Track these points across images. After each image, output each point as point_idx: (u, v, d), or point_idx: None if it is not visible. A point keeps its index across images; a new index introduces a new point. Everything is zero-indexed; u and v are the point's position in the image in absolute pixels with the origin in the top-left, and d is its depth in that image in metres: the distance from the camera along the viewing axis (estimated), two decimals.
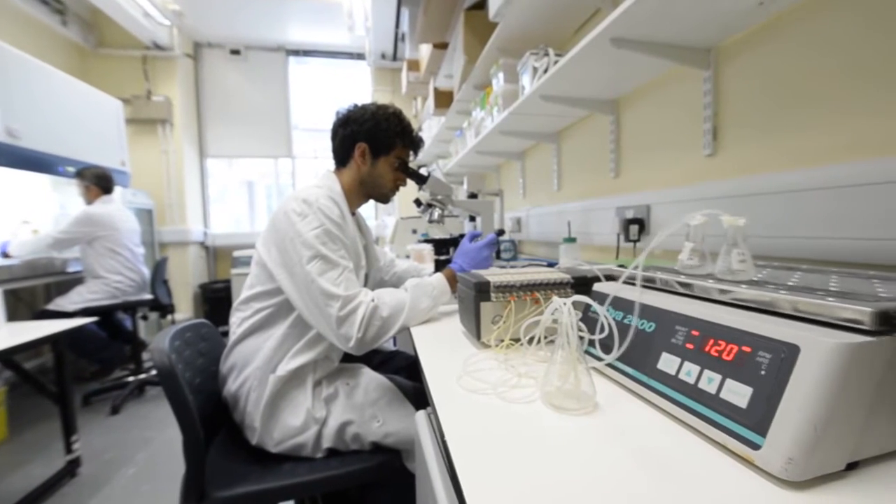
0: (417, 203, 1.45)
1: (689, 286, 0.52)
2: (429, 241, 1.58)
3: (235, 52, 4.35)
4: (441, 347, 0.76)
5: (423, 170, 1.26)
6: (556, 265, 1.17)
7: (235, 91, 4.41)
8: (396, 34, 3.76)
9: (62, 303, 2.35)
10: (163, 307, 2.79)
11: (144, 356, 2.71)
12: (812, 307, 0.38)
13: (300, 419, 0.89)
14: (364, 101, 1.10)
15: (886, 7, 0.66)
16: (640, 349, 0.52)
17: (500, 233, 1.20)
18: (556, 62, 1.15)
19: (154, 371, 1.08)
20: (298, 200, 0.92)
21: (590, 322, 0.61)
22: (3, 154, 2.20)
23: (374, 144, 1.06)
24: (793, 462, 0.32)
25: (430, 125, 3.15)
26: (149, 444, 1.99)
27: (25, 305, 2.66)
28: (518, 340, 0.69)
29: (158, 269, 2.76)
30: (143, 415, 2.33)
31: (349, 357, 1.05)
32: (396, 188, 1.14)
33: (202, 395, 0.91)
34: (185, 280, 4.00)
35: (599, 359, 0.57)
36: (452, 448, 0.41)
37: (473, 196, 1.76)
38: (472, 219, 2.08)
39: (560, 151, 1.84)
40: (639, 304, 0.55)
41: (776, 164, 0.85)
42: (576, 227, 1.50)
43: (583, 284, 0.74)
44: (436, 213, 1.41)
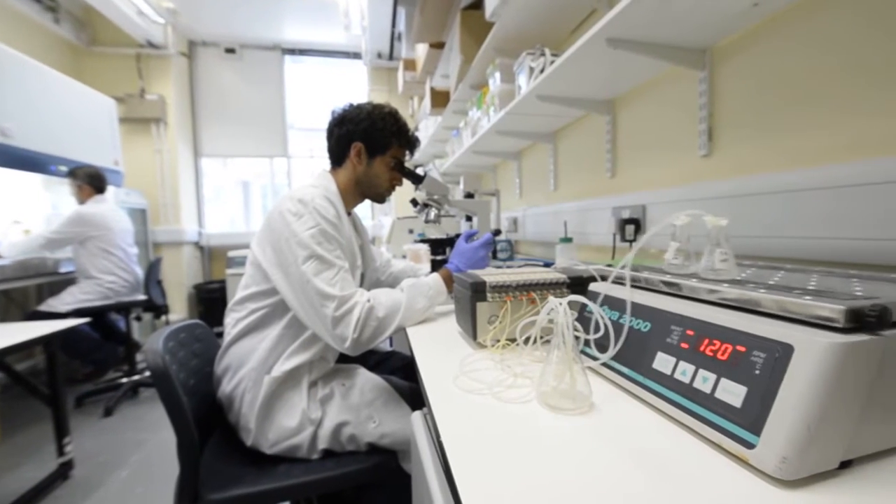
0: (414, 203, 1.45)
1: (673, 285, 0.53)
2: (425, 241, 1.58)
3: (231, 51, 4.31)
4: (437, 348, 0.76)
5: (420, 169, 1.25)
6: (553, 265, 1.18)
7: (231, 90, 4.38)
8: (393, 33, 3.75)
9: (54, 303, 2.32)
10: (157, 308, 2.77)
11: (138, 357, 2.69)
12: (788, 305, 0.38)
13: (295, 420, 0.89)
14: (360, 101, 1.09)
15: (880, 6, 0.66)
16: (636, 349, 0.52)
17: (497, 233, 1.20)
18: (553, 62, 1.16)
19: (148, 372, 1.07)
20: (294, 200, 0.91)
21: (585, 322, 0.61)
22: None
23: (370, 144, 1.05)
24: (787, 461, 0.33)
25: (427, 125, 3.15)
26: (142, 446, 1.97)
27: (17, 306, 2.63)
28: (514, 340, 0.69)
29: (152, 270, 2.74)
30: (137, 416, 2.31)
31: (345, 358, 1.05)
32: (392, 188, 1.13)
33: (196, 397, 0.90)
34: (180, 280, 3.97)
35: (595, 358, 0.57)
36: (448, 448, 0.41)
37: (470, 196, 1.76)
38: (469, 219, 2.08)
39: (556, 151, 1.85)
40: (630, 303, 0.55)
41: (772, 165, 0.86)
42: (572, 227, 1.50)
43: (579, 284, 0.74)
44: (432, 213, 1.41)
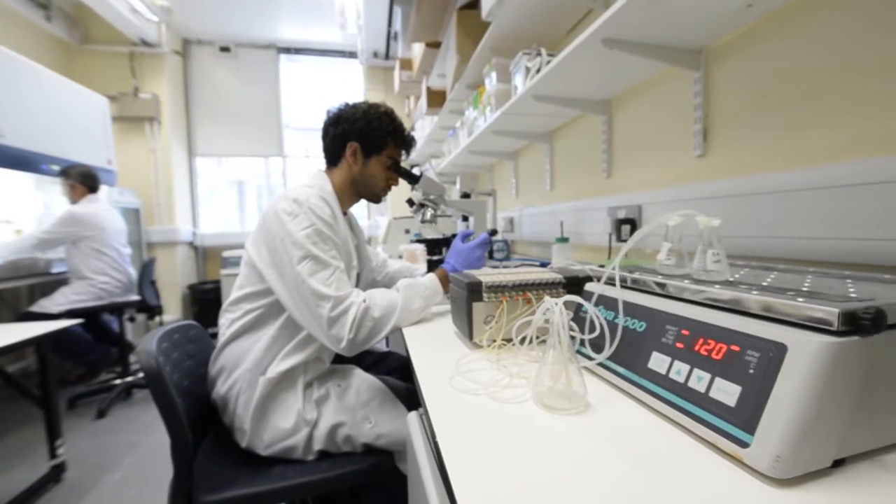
0: (410, 203, 1.45)
1: (665, 286, 0.53)
2: (421, 241, 1.58)
3: (225, 50, 4.28)
4: (433, 348, 0.75)
5: (416, 169, 1.25)
6: (549, 265, 1.18)
7: (225, 89, 4.35)
8: (389, 33, 3.75)
9: (46, 304, 2.29)
10: (150, 308, 2.75)
11: (131, 358, 2.67)
12: (782, 307, 0.38)
13: (291, 421, 0.88)
14: (356, 100, 1.09)
15: (874, 5, 0.67)
16: (631, 349, 0.52)
17: (493, 233, 1.20)
18: (549, 62, 1.16)
19: (141, 374, 1.06)
20: (289, 200, 0.91)
21: (581, 322, 0.61)
22: None
23: (366, 144, 1.05)
24: (780, 459, 0.33)
25: (423, 124, 3.14)
26: (136, 448, 1.95)
27: (8, 307, 2.60)
28: (510, 340, 0.69)
29: (146, 270, 2.71)
30: (130, 418, 2.29)
31: (340, 358, 1.04)
32: (388, 188, 1.13)
33: (190, 398, 0.89)
34: (174, 281, 3.94)
35: (591, 358, 0.57)
36: (444, 449, 0.41)
37: (466, 196, 1.76)
38: (465, 219, 2.08)
39: (553, 151, 1.85)
40: (621, 303, 0.55)
41: (767, 164, 0.86)
42: (568, 227, 1.51)
43: (574, 284, 0.74)
44: (428, 213, 1.41)
